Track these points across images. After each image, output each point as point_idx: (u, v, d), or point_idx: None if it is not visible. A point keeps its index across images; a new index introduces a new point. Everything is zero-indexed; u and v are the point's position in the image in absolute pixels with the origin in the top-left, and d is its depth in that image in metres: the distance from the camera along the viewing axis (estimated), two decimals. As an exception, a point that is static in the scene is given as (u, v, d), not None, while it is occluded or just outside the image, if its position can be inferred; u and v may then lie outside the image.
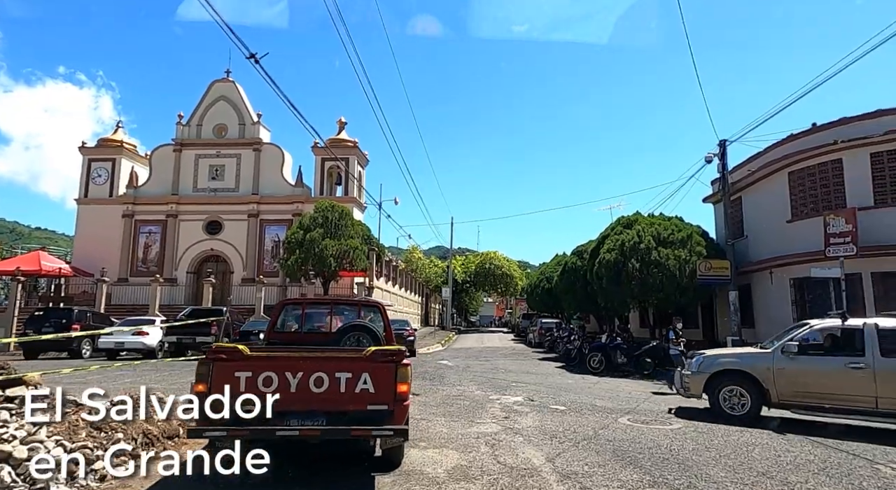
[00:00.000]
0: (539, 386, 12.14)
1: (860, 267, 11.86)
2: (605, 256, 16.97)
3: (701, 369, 8.76)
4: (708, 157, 16.25)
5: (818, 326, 8.56)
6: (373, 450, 5.41)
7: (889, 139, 11.81)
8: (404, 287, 40.53)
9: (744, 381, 8.30)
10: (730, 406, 8.41)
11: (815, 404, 7.99)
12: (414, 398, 9.60)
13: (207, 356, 3.99)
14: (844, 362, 7.80)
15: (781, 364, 8.11)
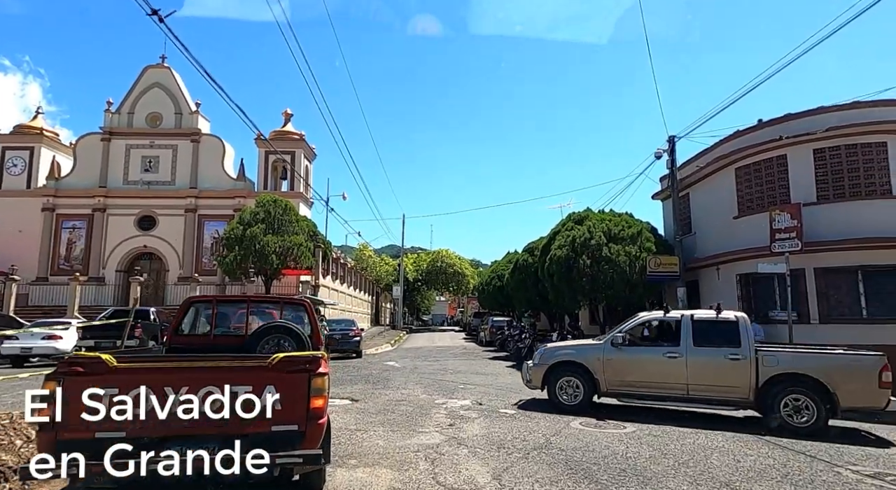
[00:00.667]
0: (489, 387, 11.57)
1: (803, 262, 11.94)
2: (555, 253, 16.65)
3: (541, 361, 9.01)
4: (658, 153, 16.21)
5: (645, 318, 9.02)
6: (291, 472, 4.62)
7: (830, 136, 11.95)
8: (354, 286, 39.36)
9: (578, 371, 8.58)
10: (565, 396, 8.67)
11: (637, 392, 8.41)
12: (352, 405, 8.82)
13: (58, 369, 3.10)
14: (663, 352, 8.25)
15: (610, 355, 8.48)
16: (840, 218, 11.84)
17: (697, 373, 7.98)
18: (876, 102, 11.94)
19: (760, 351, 7.86)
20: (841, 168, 11.99)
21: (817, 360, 7.69)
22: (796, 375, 7.49)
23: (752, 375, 7.71)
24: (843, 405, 7.35)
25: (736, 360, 7.82)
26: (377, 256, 47.17)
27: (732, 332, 8.05)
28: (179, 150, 31.63)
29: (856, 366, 7.55)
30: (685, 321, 8.30)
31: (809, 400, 7.34)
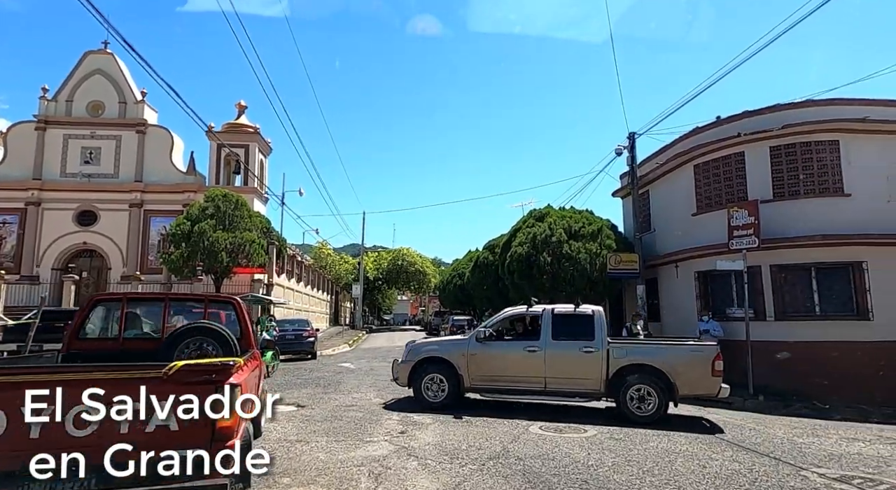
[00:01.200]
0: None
1: (760, 259, 11.97)
2: (516, 250, 16.33)
3: (408, 358, 8.88)
4: (618, 150, 16.11)
5: (509, 313, 9.20)
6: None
7: (786, 133, 12.02)
8: (311, 285, 38.23)
9: (442, 368, 8.47)
10: (430, 393, 8.53)
11: (498, 387, 8.42)
12: (297, 412, 8.15)
13: None
14: (524, 346, 8.39)
15: (474, 350, 8.46)
16: (795, 215, 11.92)
17: (555, 366, 8.14)
18: (829, 101, 12.09)
19: (611, 344, 8.16)
20: (796, 166, 12.08)
21: (660, 352, 8.09)
22: (642, 366, 7.87)
23: (603, 367, 7.99)
24: (681, 393, 7.77)
25: (589, 352, 8.08)
26: (337, 255, 46.01)
27: (588, 325, 8.26)
28: (123, 142, 29.79)
29: (693, 356, 7.98)
30: (546, 315, 8.43)
31: (652, 389, 7.72)
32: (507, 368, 8.36)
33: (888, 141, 11.89)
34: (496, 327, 8.87)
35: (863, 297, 11.44)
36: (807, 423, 8.79)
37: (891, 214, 11.64)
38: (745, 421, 8.71)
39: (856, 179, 11.76)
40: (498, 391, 8.44)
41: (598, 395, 8.12)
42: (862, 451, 6.62)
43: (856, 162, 11.80)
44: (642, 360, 7.92)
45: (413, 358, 8.79)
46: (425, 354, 8.73)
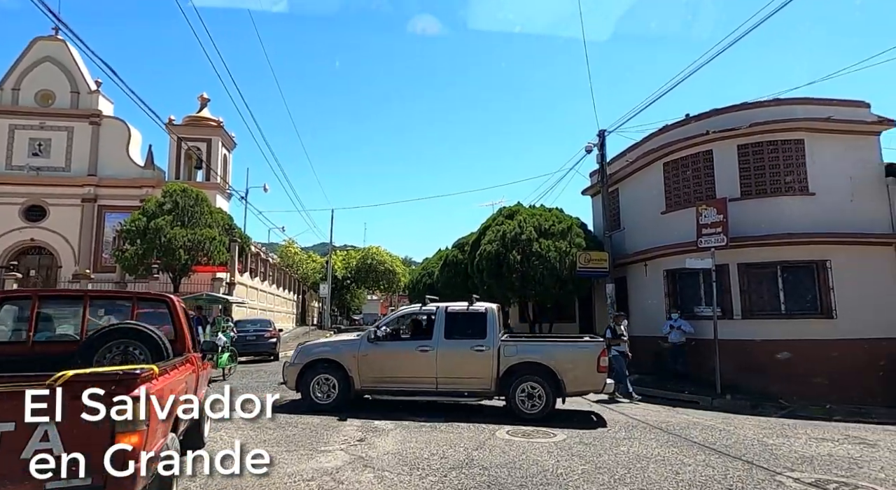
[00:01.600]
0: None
1: (727, 258, 11.95)
2: (485, 248, 16.02)
3: (297, 360, 8.57)
4: (588, 147, 15.97)
5: (403, 312, 9.15)
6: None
7: (753, 132, 12.03)
8: (277, 284, 37.19)
9: (332, 369, 8.20)
10: (319, 394, 8.20)
11: (389, 388, 8.25)
12: (248, 418, 7.60)
13: None
14: (416, 346, 8.23)
15: (366, 351, 8.24)
16: (762, 214, 11.94)
17: (446, 365, 8.02)
18: (795, 100, 12.14)
19: (503, 342, 8.10)
20: (763, 164, 12.10)
21: (548, 350, 8.14)
22: (531, 364, 7.88)
23: (494, 365, 7.92)
24: (569, 390, 7.84)
25: (481, 350, 7.99)
26: (304, 253, 45.00)
27: (481, 323, 8.17)
28: (76, 133, 28.33)
29: (579, 353, 8.09)
30: (439, 314, 8.30)
31: (541, 387, 7.76)
32: (399, 369, 8.15)
33: (850, 141, 12.03)
34: (391, 327, 8.71)
35: (827, 295, 11.52)
36: (774, 422, 8.71)
37: (853, 213, 11.76)
38: (714, 421, 8.57)
39: (820, 179, 11.84)
40: (389, 392, 8.31)
41: (489, 394, 8.06)
42: (832, 452, 6.50)
43: (820, 161, 11.89)
44: (532, 359, 7.93)
45: (302, 360, 8.38)
46: (315, 356, 8.36)
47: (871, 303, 11.42)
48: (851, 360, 11.22)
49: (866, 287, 11.48)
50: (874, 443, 7.13)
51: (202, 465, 3.42)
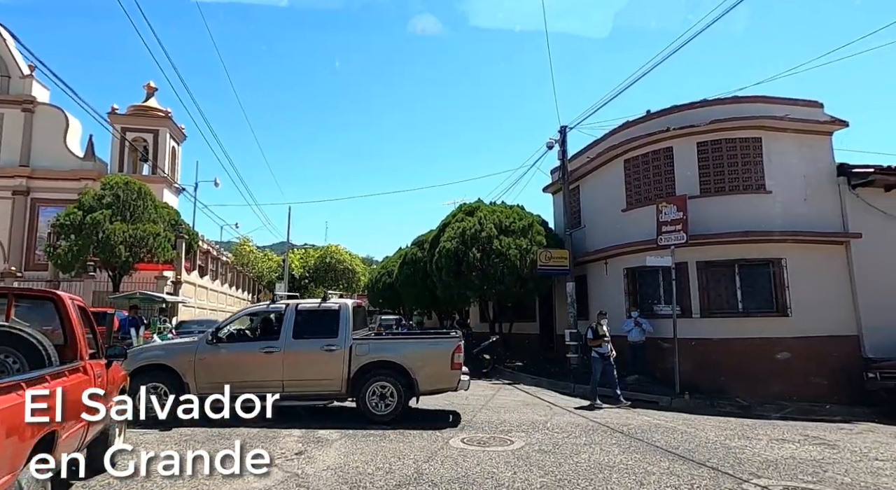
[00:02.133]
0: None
1: (687, 256, 11.87)
2: (445, 245, 15.54)
3: (125, 367, 7.76)
4: (549, 143, 15.72)
5: (249, 310, 8.69)
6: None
7: (713, 129, 12.00)
8: (231, 283, 35.75)
9: (165, 375, 7.51)
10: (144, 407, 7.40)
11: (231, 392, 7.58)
12: (176, 430, 6.85)
13: None
14: (260, 347, 7.70)
15: (204, 354, 7.63)
16: (721, 212, 11.90)
17: (294, 367, 7.54)
18: (753, 98, 12.17)
19: (355, 341, 7.74)
20: (722, 162, 12.07)
21: (401, 348, 7.85)
22: (384, 363, 7.61)
23: (345, 365, 7.59)
24: (422, 389, 7.56)
25: (332, 350, 7.62)
26: (260, 252, 43.46)
27: (333, 321, 7.80)
28: (6, 121, 26.31)
29: (433, 350, 7.82)
30: (288, 312, 7.82)
31: (393, 386, 7.49)
32: (241, 373, 7.46)
33: (805, 140, 12.13)
34: (234, 327, 8.21)
35: (782, 293, 11.56)
36: (734, 423, 8.55)
37: (807, 212, 11.86)
38: (675, 422, 8.33)
39: (776, 177, 11.89)
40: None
41: (340, 396, 7.60)
42: (795, 454, 6.31)
43: (776, 160, 11.93)
44: (385, 357, 7.64)
45: (129, 366, 7.42)
46: (144, 361, 7.61)
47: (824, 301, 11.53)
48: (805, 358, 11.29)
49: (819, 285, 11.58)
50: (834, 443, 7.01)
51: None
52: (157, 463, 3.52)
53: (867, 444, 7.04)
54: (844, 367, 11.26)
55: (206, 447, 5.90)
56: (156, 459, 3.50)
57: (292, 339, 7.63)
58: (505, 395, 10.79)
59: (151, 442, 6.09)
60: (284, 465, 5.31)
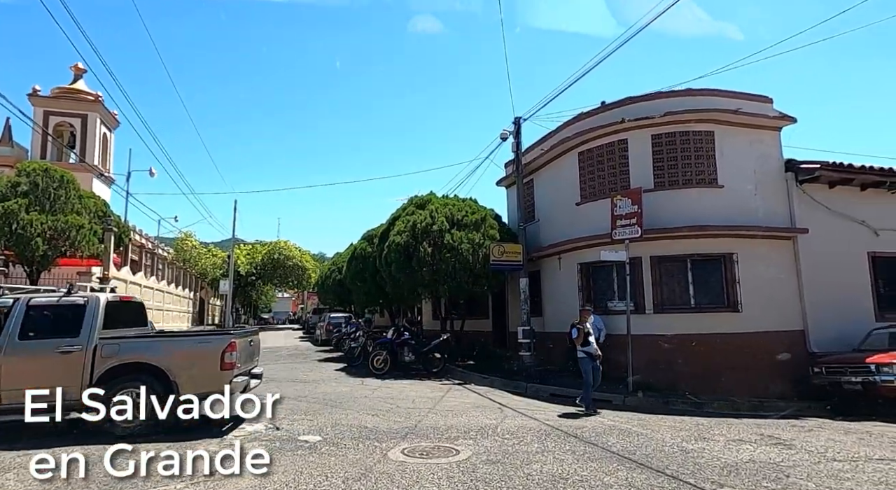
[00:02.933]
0: (301, 400, 9.25)
1: (641, 250, 11.64)
2: (394, 240, 14.81)
3: None
4: (503, 135, 15.23)
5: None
6: None
7: (667, 122, 11.82)
8: (170, 280, 33.70)
9: None
10: None
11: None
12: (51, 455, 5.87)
13: None
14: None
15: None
16: (674, 206, 11.73)
17: (16, 374, 6.28)
18: (706, 91, 12.06)
19: (102, 340, 6.68)
20: (676, 155, 11.90)
21: (159, 347, 6.88)
22: (138, 365, 6.63)
23: (87, 369, 6.50)
24: (184, 394, 6.25)
25: (69, 352, 6.52)
26: (203, 247, 41.27)
27: (76, 318, 6.74)
28: None
29: (200, 349, 6.95)
30: (18, 308, 6.65)
31: (146, 391, 6.05)
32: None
33: (755, 135, 12.11)
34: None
35: (733, 288, 11.49)
36: (689, 422, 8.27)
37: (757, 207, 11.85)
38: (629, 423, 7.96)
39: (728, 172, 11.82)
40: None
41: (76, 406, 5.77)
42: (754, 457, 5.99)
43: (728, 154, 11.86)
44: (138, 358, 6.65)
45: None
46: None
47: (773, 296, 11.54)
48: (754, 354, 11.24)
49: (768, 280, 11.59)
50: (790, 443, 6.78)
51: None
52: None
53: (822, 443, 6.84)
54: (792, 362, 11.30)
55: (97, 469, 5.01)
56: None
57: (17, 340, 6.45)
58: (454, 397, 10.21)
59: None
60: (191, 488, 4.49)
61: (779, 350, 11.42)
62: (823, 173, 11.88)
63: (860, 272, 12.35)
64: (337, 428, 7.06)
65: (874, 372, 9.62)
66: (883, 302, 12.50)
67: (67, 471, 4.31)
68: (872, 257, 12.52)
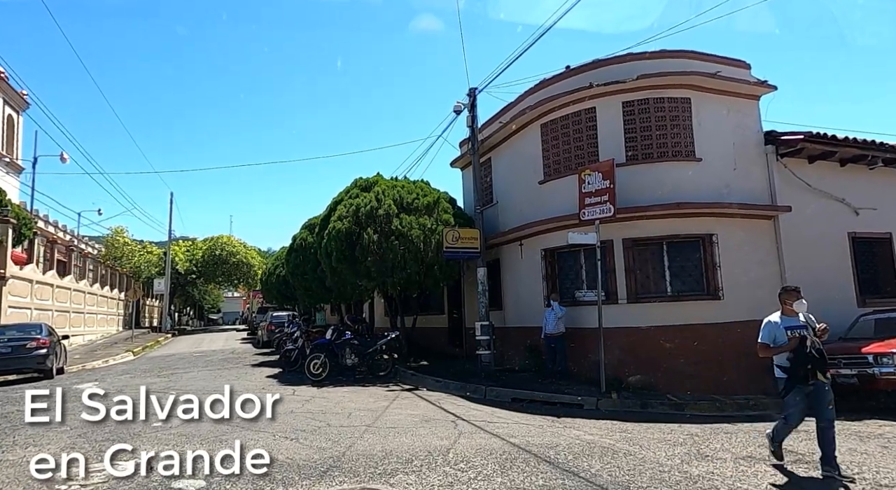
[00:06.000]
0: (202, 426, 7.32)
1: (613, 233, 10.33)
2: (335, 226, 12.96)
3: None
4: (457, 108, 13.60)
5: None
6: None
7: (640, 87, 10.49)
8: (93, 279, 30.47)
9: None
10: None
11: None
12: None
13: None
14: None
15: None
16: (649, 182, 10.43)
17: None
18: (681, 53, 10.80)
19: None
20: (649, 125, 10.60)
21: None
22: None
23: None
24: None
25: None
26: (136, 244, 37.85)
27: None
28: None
29: None
30: None
31: None
32: None
33: (733, 103, 10.95)
34: None
35: (713, 273, 10.31)
36: (680, 433, 6.90)
37: (736, 183, 10.71)
38: (611, 438, 6.51)
39: (706, 144, 10.61)
40: None
41: None
42: (778, 481, 4.61)
43: (706, 124, 10.66)
44: None
45: None
46: None
47: (754, 281, 10.40)
48: (736, 346, 10.06)
49: (750, 264, 10.46)
50: (808, 458, 5.46)
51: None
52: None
53: (851, 458, 5.56)
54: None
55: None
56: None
57: None
58: (401, 408, 8.54)
59: None
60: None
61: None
62: (806, 146, 10.84)
63: (842, 254, 11.45)
64: (232, 464, 5.26)
65: (872, 363, 8.58)
66: (864, 286, 11.65)
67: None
68: (853, 238, 11.64)
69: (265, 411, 5.55)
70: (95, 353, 20.23)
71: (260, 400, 5.10)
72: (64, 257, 27.73)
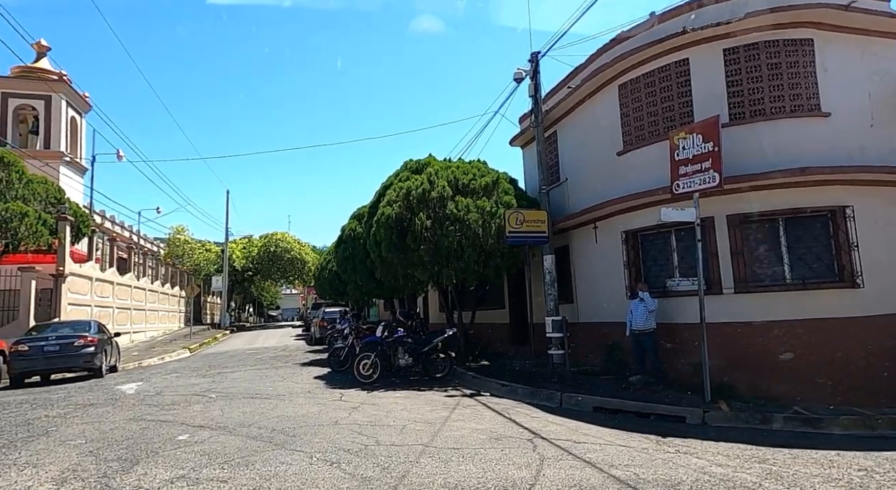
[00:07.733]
0: (239, 431, 6.22)
1: (713, 209, 8.51)
2: (384, 211, 11.73)
3: None
4: (517, 75, 11.97)
5: None
6: None
7: (748, 28, 8.53)
8: (155, 278, 31.00)
9: None
10: None
11: None
12: None
13: None
14: None
15: None
16: (760, 144, 8.53)
17: None
18: (800, -16, 8.80)
19: None
20: (760, 74, 8.65)
21: None
22: None
23: None
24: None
25: None
26: (196, 242, 38.54)
27: None
28: None
29: None
30: None
31: None
32: None
33: (867, 45, 8.84)
34: None
35: (848, 255, 8.27)
36: (843, 465, 5.11)
37: (875, 143, 8.60)
38: (748, 469, 4.83)
39: (834, 95, 8.57)
40: None
41: None
42: None
43: (833, 71, 8.60)
44: None
45: None
46: None
47: (902, 264, 8.29)
48: (882, 345, 8.05)
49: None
50: None
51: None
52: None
53: None
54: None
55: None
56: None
57: None
58: (463, 420, 7.14)
59: None
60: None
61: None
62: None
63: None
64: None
65: None
66: None
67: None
68: None
69: (315, 421, 4.29)
70: (153, 350, 20.14)
71: (303, 408, 3.77)
72: (125, 255, 28.23)
